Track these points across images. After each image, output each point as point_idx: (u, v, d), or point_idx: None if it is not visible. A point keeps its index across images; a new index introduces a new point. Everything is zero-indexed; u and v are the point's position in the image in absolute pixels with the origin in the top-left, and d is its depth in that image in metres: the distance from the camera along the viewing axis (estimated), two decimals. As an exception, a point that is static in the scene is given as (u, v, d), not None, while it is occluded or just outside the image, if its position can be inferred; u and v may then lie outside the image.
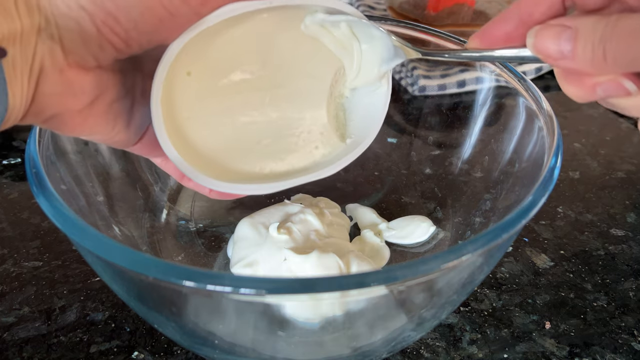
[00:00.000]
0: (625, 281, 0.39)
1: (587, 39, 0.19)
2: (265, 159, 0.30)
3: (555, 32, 0.21)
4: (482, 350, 0.34)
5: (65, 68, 0.21)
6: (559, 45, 0.20)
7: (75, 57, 0.21)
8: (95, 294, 0.37)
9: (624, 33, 0.18)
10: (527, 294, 0.38)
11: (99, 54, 0.21)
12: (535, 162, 0.30)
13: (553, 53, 0.21)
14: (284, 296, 0.21)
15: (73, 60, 0.21)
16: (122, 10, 0.20)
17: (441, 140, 0.45)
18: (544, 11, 0.22)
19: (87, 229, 0.22)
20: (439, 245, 0.39)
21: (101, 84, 0.23)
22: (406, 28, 0.39)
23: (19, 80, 0.20)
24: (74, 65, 0.21)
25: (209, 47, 0.26)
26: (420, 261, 0.21)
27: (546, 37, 0.21)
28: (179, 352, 0.33)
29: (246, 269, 0.34)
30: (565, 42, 0.20)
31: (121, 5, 0.20)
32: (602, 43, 0.19)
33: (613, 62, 0.19)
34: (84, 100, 0.23)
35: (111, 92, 0.24)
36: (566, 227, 0.44)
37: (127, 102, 0.25)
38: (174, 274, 0.20)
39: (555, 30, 0.21)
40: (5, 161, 0.49)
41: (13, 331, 0.34)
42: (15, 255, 0.39)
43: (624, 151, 0.53)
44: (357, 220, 0.41)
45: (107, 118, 0.24)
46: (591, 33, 0.19)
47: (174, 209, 0.41)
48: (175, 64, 0.24)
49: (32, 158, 0.26)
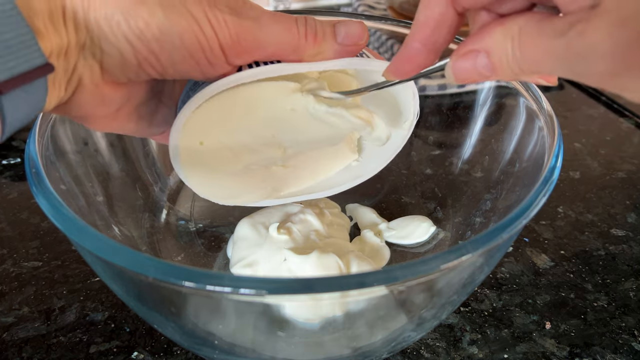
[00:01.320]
0: (625, 281, 0.39)
1: (501, 56, 0.19)
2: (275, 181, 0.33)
3: (470, 61, 0.20)
4: (483, 351, 0.34)
5: (101, 84, 0.22)
6: (478, 70, 0.20)
7: (112, 76, 0.22)
8: (94, 294, 0.37)
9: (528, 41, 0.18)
10: (528, 294, 0.38)
11: (134, 78, 0.23)
12: (535, 162, 0.30)
13: (476, 77, 0.21)
14: (284, 296, 0.21)
15: (109, 78, 0.22)
16: (165, 52, 0.21)
17: (441, 140, 0.45)
18: (445, 36, 0.21)
19: (87, 229, 0.22)
20: (439, 246, 0.39)
21: (131, 95, 0.24)
22: (406, 28, 0.39)
23: (56, 90, 0.21)
24: (109, 81, 0.22)
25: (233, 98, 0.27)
26: (420, 261, 0.21)
27: (464, 69, 0.21)
28: (179, 352, 0.33)
29: (246, 269, 0.34)
30: (482, 68, 0.20)
31: (166, 47, 0.21)
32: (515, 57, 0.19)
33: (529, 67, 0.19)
34: (113, 108, 0.24)
35: (138, 97, 0.25)
36: (566, 227, 0.44)
37: (152, 104, 0.26)
38: (173, 274, 0.20)
39: (469, 59, 0.20)
40: (5, 161, 0.49)
41: (12, 331, 0.34)
42: (14, 256, 0.39)
43: (624, 151, 0.53)
44: (357, 220, 0.41)
45: (132, 119, 0.26)
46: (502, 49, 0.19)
47: (174, 209, 0.41)
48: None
49: (31, 158, 0.26)
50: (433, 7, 0.21)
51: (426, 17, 0.21)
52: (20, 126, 0.20)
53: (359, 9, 0.75)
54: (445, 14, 0.21)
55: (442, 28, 0.21)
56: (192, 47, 0.22)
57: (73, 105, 0.22)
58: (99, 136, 0.36)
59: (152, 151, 0.40)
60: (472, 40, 0.20)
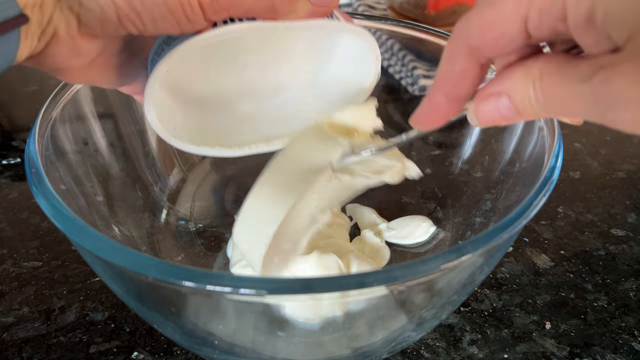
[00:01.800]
0: (625, 281, 0.39)
1: (524, 98, 0.19)
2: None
3: (493, 104, 0.20)
4: (483, 351, 0.34)
5: (77, 36, 0.22)
6: (501, 113, 0.20)
7: (89, 29, 0.22)
8: (94, 294, 0.37)
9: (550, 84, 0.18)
10: (528, 294, 0.38)
11: (112, 33, 0.23)
12: (535, 162, 0.30)
13: (500, 121, 0.21)
14: (284, 296, 0.21)
15: (86, 31, 0.22)
16: (147, 9, 0.22)
17: (441, 140, 0.45)
18: (468, 88, 0.21)
19: (87, 229, 0.22)
20: (439, 245, 0.39)
21: (106, 46, 0.24)
22: (406, 28, 0.39)
23: (28, 41, 0.21)
24: (85, 34, 0.22)
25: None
26: (420, 261, 0.21)
27: (487, 112, 0.20)
28: (179, 352, 0.33)
29: (246, 269, 0.34)
30: (505, 110, 0.20)
31: (147, 5, 0.22)
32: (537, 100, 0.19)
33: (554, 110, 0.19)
34: (87, 60, 0.24)
35: (113, 49, 0.25)
36: (566, 227, 0.44)
37: (124, 55, 0.27)
38: (173, 274, 0.20)
39: (491, 102, 0.20)
40: (5, 161, 0.49)
41: (12, 331, 0.34)
42: (14, 255, 0.39)
43: (624, 151, 0.53)
44: (357, 220, 0.41)
45: (105, 70, 0.26)
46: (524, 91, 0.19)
47: (174, 209, 0.41)
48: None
49: (31, 158, 0.26)
50: (454, 62, 0.21)
51: (447, 72, 0.21)
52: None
53: (359, 9, 0.75)
54: (466, 69, 0.20)
55: (464, 82, 0.21)
56: (173, 5, 0.22)
57: (47, 57, 0.23)
58: (99, 136, 0.36)
59: (152, 151, 0.40)
60: (494, 83, 0.20)
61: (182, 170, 0.43)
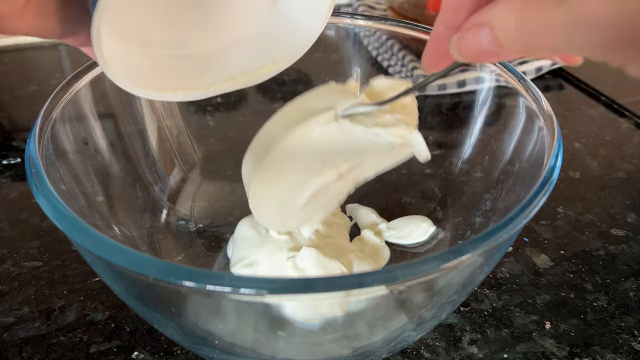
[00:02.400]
0: (625, 281, 0.39)
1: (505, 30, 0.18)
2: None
3: (473, 35, 0.19)
4: (482, 351, 0.34)
5: None
6: (480, 46, 0.19)
7: None
8: (95, 294, 0.37)
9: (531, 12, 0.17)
10: (527, 294, 0.38)
11: None
12: (535, 162, 0.30)
13: (480, 55, 0.20)
14: (284, 296, 0.21)
15: None
16: None
17: (441, 140, 0.45)
18: (465, 16, 0.21)
19: (87, 229, 0.22)
20: (439, 245, 0.39)
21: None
22: (406, 28, 0.39)
23: None
24: None
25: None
26: (420, 261, 0.21)
27: (469, 45, 0.20)
28: (179, 352, 0.33)
29: (246, 269, 0.34)
30: (487, 43, 0.19)
31: None
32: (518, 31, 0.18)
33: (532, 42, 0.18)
34: (19, 4, 0.22)
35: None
36: (566, 227, 0.44)
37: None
38: (173, 274, 0.20)
39: (471, 33, 0.20)
40: (5, 161, 0.49)
41: (13, 331, 0.34)
42: (14, 255, 0.39)
43: (624, 151, 0.53)
44: (357, 220, 0.41)
45: (40, 16, 0.24)
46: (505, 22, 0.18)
47: (174, 209, 0.41)
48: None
49: (31, 158, 0.26)
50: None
51: (447, 1, 0.21)
52: None
53: (359, 9, 0.75)
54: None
55: (461, 10, 0.21)
56: None
57: None
58: (99, 136, 0.36)
59: (152, 151, 0.40)
60: (478, 14, 0.20)
61: (182, 170, 0.43)
